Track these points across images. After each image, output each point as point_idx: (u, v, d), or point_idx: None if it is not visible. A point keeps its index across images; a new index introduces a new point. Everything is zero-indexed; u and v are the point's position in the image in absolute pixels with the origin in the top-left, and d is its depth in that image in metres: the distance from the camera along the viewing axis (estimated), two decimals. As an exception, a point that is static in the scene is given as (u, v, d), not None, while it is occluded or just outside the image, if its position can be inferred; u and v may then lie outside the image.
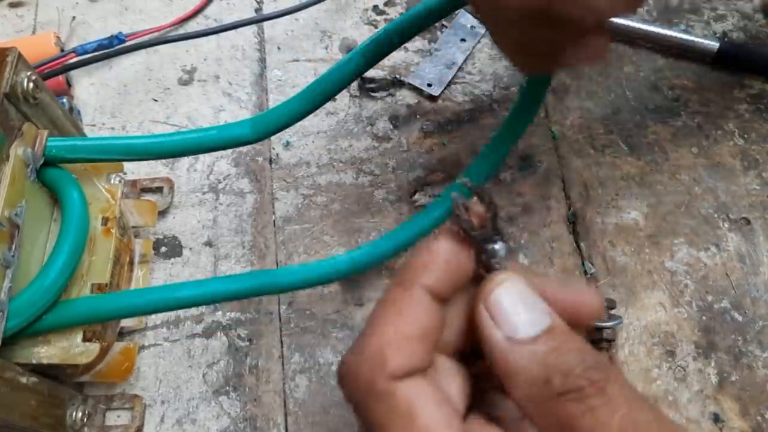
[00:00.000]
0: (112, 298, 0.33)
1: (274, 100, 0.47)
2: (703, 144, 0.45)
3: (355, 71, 0.35)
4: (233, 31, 0.50)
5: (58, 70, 0.44)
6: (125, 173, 0.37)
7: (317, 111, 0.46)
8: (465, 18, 0.50)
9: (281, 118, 0.36)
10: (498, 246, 0.23)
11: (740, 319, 0.40)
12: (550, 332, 0.21)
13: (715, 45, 0.47)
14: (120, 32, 0.46)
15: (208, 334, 0.40)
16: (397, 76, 0.48)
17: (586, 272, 0.42)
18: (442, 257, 0.23)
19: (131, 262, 0.39)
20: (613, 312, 0.40)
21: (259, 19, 0.49)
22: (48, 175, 0.34)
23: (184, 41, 0.47)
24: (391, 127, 0.46)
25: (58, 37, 0.46)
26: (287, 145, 0.46)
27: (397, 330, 0.22)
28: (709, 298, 0.41)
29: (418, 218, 0.37)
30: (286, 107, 0.36)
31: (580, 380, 0.20)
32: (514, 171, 0.45)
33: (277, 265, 0.42)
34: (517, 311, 0.22)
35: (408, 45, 0.48)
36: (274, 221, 0.44)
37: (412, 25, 0.35)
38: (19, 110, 0.33)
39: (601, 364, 0.20)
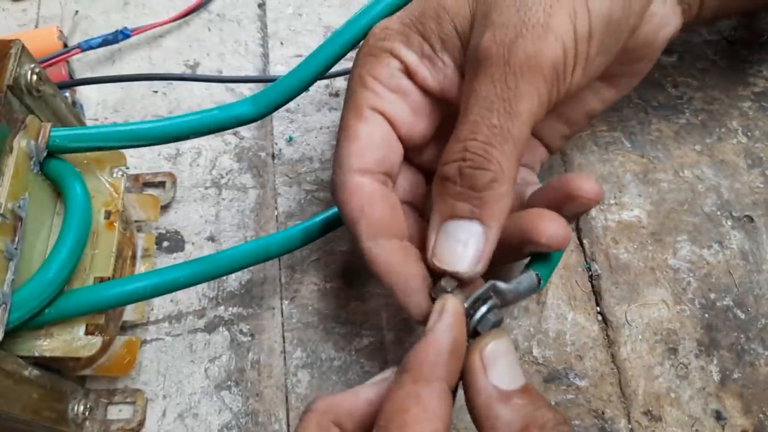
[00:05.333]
0: (113, 284, 0.33)
1: (277, 95, 0.47)
2: (706, 141, 0.45)
3: (350, 41, 0.35)
4: (236, 26, 0.50)
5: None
6: (128, 167, 0.37)
7: (319, 106, 0.46)
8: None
9: (281, 93, 0.36)
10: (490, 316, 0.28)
11: (743, 316, 0.40)
12: (525, 389, 0.26)
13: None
14: (125, 27, 0.46)
15: (210, 328, 0.40)
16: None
17: (590, 271, 0.41)
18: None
19: (133, 257, 0.39)
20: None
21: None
22: (51, 167, 0.34)
23: (188, 36, 0.47)
24: (394, 123, 0.46)
25: (60, 31, 0.46)
26: (290, 140, 0.46)
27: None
28: (712, 295, 0.41)
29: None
30: (285, 82, 0.36)
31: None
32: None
33: (279, 260, 0.42)
34: (505, 365, 0.27)
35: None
36: (276, 216, 0.44)
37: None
38: (23, 103, 0.33)
39: (567, 423, 0.26)
